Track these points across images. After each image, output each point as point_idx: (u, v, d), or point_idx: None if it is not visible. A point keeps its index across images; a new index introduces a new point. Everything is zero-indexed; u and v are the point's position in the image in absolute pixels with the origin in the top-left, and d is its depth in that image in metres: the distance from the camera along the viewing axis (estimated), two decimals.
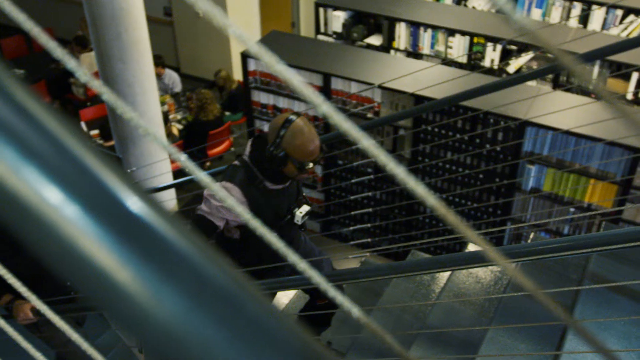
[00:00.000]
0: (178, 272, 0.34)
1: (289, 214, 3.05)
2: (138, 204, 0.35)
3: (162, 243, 0.34)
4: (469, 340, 3.26)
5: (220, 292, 0.34)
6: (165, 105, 7.79)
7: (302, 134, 2.76)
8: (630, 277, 3.03)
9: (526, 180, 5.29)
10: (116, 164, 0.38)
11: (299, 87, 0.45)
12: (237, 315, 0.34)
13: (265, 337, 0.34)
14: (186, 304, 0.33)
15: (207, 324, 0.33)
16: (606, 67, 6.12)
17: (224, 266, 0.36)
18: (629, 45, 3.21)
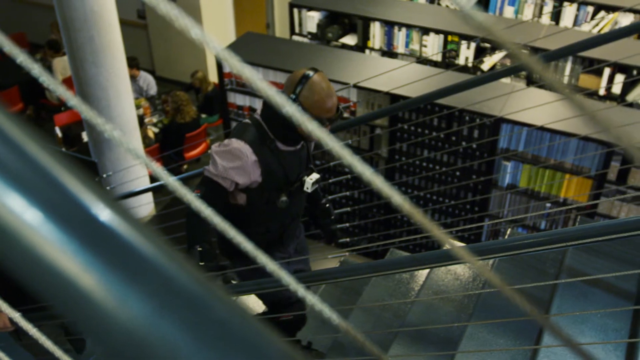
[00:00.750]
0: (143, 276, 0.33)
1: (298, 181, 2.93)
2: (101, 208, 0.34)
3: (126, 247, 0.34)
4: (448, 336, 3.27)
5: (186, 295, 0.34)
6: (141, 108, 7.73)
7: (321, 89, 2.65)
8: (605, 270, 3.07)
9: (502, 176, 5.33)
10: (81, 169, 0.38)
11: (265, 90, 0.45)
12: (204, 318, 0.34)
13: (232, 340, 0.34)
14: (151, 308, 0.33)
15: (173, 328, 0.33)
16: (579, 63, 6.19)
17: (190, 269, 0.35)
18: (600, 42, 3.25)
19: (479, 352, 2.98)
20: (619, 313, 2.92)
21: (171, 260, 0.35)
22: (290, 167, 2.87)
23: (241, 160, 2.70)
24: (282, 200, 2.86)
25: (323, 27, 7.02)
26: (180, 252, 1.41)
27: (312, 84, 2.63)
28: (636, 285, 3.06)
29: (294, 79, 2.68)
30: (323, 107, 2.65)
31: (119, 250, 0.34)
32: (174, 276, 0.35)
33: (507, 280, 3.26)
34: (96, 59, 5.30)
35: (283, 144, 2.83)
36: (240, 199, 2.89)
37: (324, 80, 2.67)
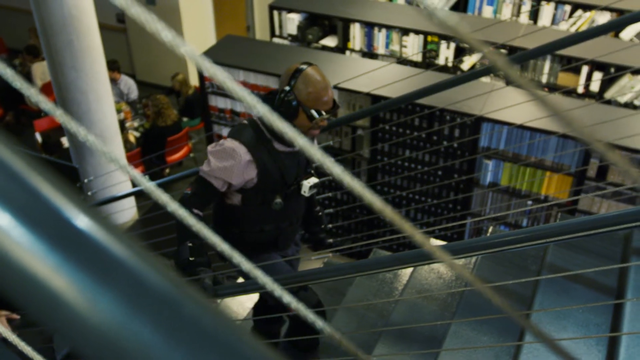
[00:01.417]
0: (114, 277, 0.34)
1: (296, 184, 2.88)
2: (71, 210, 0.34)
3: (97, 248, 0.34)
4: (433, 335, 3.29)
5: (158, 295, 0.34)
6: (122, 113, 7.70)
7: (316, 81, 2.62)
8: (586, 266, 3.10)
9: (484, 175, 5.37)
10: (60, 175, 0.38)
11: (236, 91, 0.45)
12: (176, 318, 0.34)
13: (205, 339, 0.34)
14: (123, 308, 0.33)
15: (145, 329, 0.33)
16: (557, 61, 6.24)
17: (161, 269, 0.36)
18: (577, 40, 3.28)
19: (463, 350, 2.99)
20: (600, 308, 2.95)
21: (142, 260, 0.35)
22: (287, 169, 2.82)
23: (234, 159, 2.66)
24: (276, 202, 2.82)
25: (303, 29, 7.02)
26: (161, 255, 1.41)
27: (306, 77, 2.62)
28: (616, 280, 3.10)
29: (288, 73, 2.66)
30: (318, 100, 2.62)
31: (89, 252, 0.34)
32: (145, 276, 0.35)
33: (490, 277, 3.29)
34: (76, 64, 5.27)
35: (280, 144, 2.78)
36: (235, 199, 2.84)
37: (318, 73, 2.65)
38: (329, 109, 2.66)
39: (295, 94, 2.62)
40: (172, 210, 0.64)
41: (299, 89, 2.62)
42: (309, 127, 2.67)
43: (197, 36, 9.20)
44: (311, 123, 2.66)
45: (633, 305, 2.74)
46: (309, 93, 2.61)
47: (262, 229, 2.93)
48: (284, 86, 2.65)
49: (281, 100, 2.63)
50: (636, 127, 4.50)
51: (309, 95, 2.61)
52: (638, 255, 3.10)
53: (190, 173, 4.79)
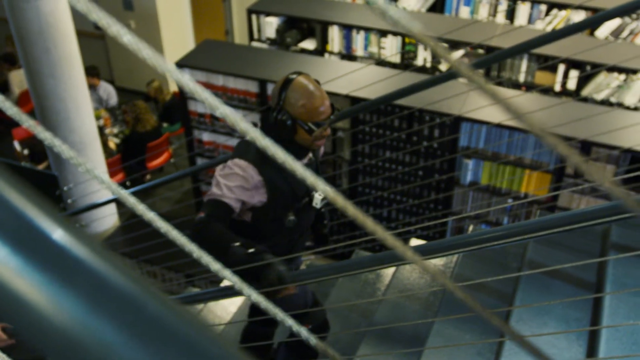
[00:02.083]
0: (76, 278, 0.34)
1: (307, 197, 2.70)
2: (31, 211, 0.35)
3: (58, 249, 0.34)
4: (416, 334, 3.31)
5: (120, 294, 0.35)
6: (101, 119, 7.66)
7: (306, 92, 2.41)
8: (565, 262, 3.13)
9: (464, 174, 5.40)
10: (40, 182, 0.38)
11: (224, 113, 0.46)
12: (138, 317, 0.34)
13: (168, 338, 0.35)
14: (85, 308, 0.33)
15: (107, 328, 0.33)
16: (534, 60, 6.30)
17: (123, 269, 0.36)
18: (552, 38, 3.31)
19: (446, 348, 3.02)
20: (580, 303, 2.98)
21: (104, 260, 0.36)
22: (297, 184, 2.64)
23: (246, 180, 2.50)
24: (289, 220, 2.67)
25: (282, 32, 7.03)
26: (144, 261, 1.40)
27: (296, 88, 2.43)
28: (595, 275, 3.13)
29: (277, 87, 2.48)
30: (314, 111, 2.43)
31: (51, 253, 0.34)
32: (106, 276, 0.35)
33: (471, 275, 3.31)
34: (53, 71, 5.24)
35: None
36: (246, 215, 2.67)
37: (309, 81, 2.46)
38: (327, 117, 2.47)
39: (288, 110, 2.43)
40: (149, 219, 0.65)
41: (291, 104, 2.43)
42: (311, 140, 2.50)
43: (176, 41, 9.18)
44: (312, 137, 2.48)
45: (612, 299, 2.78)
46: (302, 106, 2.42)
47: (275, 244, 2.76)
48: (275, 102, 2.48)
49: (275, 120, 2.45)
50: (612, 124, 4.55)
51: (302, 108, 2.42)
52: (616, 250, 3.14)
53: (171, 178, 4.78)
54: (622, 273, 2.91)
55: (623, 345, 2.53)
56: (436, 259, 3.72)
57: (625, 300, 2.76)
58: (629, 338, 2.55)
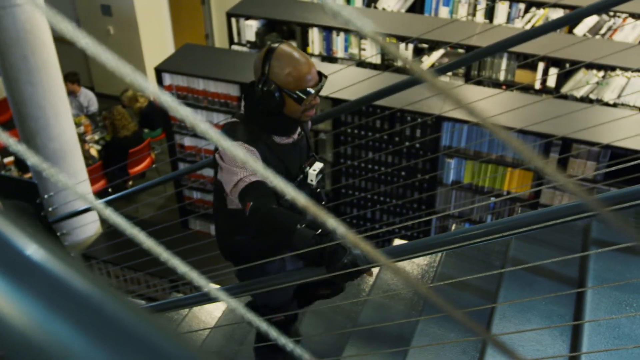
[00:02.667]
0: (33, 279, 0.33)
1: (301, 174, 2.57)
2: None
3: (13, 251, 0.34)
4: (401, 334, 3.31)
5: (78, 295, 0.34)
6: (81, 126, 7.61)
7: (291, 59, 2.31)
8: (547, 258, 3.14)
9: (446, 173, 5.42)
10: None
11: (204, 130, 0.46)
12: (96, 318, 0.34)
13: (128, 338, 0.34)
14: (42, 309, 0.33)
15: (65, 329, 0.33)
16: (513, 59, 6.33)
17: (80, 269, 0.36)
18: (529, 36, 3.33)
19: (431, 347, 3.02)
20: (563, 299, 3.00)
21: (60, 260, 0.35)
22: (290, 161, 2.53)
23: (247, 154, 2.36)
24: (286, 199, 2.39)
25: (262, 35, 7.02)
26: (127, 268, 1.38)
27: (280, 57, 2.31)
28: (577, 271, 3.15)
29: (260, 58, 2.34)
30: (301, 78, 2.31)
31: (5, 254, 0.34)
32: (63, 277, 0.35)
33: (454, 274, 3.31)
34: (31, 79, 5.19)
35: (279, 137, 2.48)
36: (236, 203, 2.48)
37: (292, 48, 2.35)
38: (315, 83, 2.35)
39: (274, 80, 2.31)
40: (123, 228, 0.64)
41: (276, 74, 2.31)
42: (301, 110, 2.38)
43: (155, 46, 9.14)
44: (302, 106, 2.36)
45: (594, 294, 2.79)
46: (288, 74, 2.30)
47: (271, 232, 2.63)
48: (258, 74, 2.35)
49: (262, 92, 2.32)
50: (592, 120, 4.58)
51: (289, 77, 2.31)
52: (597, 245, 3.16)
53: (154, 183, 4.75)
54: (603, 268, 2.93)
55: (606, 340, 2.54)
56: (420, 259, 3.72)
57: (607, 295, 2.78)
58: (611, 332, 2.57)
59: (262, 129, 2.43)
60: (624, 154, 4.55)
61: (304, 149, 2.63)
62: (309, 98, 2.34)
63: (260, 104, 2.34)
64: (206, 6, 9.79)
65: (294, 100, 2.34)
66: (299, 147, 2.59)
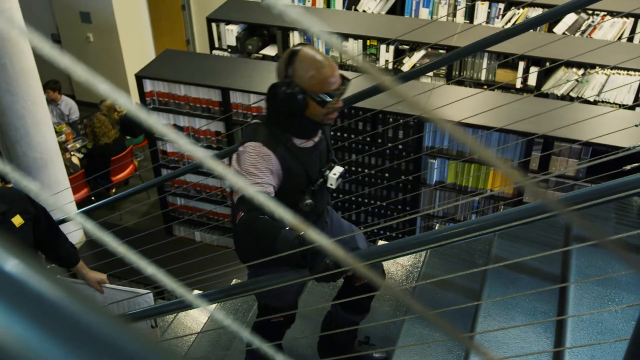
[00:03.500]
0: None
1: (321, 177, 2.58)
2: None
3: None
4: (386, 335, 3.31)
5: (38, 295, 0.34)
6: (62, 134, 7.55)
7: (315, 61, 2.31)
8: (530, 256, 3.16)
9: (430, 174, 5.43)
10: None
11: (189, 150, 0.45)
12: (53, 315, 0.33)
13: (85, 336, 0.34)
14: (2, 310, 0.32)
15: (21, 325, 0.32)
16: (494, 58, 6.36)
17: (40, 269, 0.35)
18: (507, 35, 3.34)
19: (417, 347, 3.02)
20: (547, 296, 3.01)
21: (15, 258, 0.35)
22: (310, 165, 2.54)
23: (265, 159, 2.36)
24: (307, 204, 2.54)
25: (242, 39, 7.01)
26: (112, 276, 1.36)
27: (303, 59, 2.31)
28: (560, 267, 3.16)
29: (283, 61, 2.36)
30: (324, 81, 2.32)
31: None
32: (18, 275, 0.34)
33: (438, 274, 3.31)
34: (10, 87, 5.15)
35: (300, 140, 2.49)
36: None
37: (316, 52, 2.35)
38: (338, 87, 2.36)
39: (298, 83, 2.31)
40: (98, 237, 0.63)
41: (299, 76, 2.31)
42: (324, 113, 2.38)
43: (136, 52, 9.10)
44: (324, 109, 2.36)
45: (576, 290, 2.80)
46: (312, 77, 2.31)
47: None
48: (281, 77, 2.35)
49: (285, 94, 2.32)
50: (573, 118, 4.61)
51: (313, 80, 2.31)
52: (579, 242, 3.17)
53: (136, 190, 4.72)
54: (585, 264, 2.95)
55: (589, 335, 2.55)
56: (404, 259, 3.73)
57: (589, 290, 2.79)
58: (594, 328, 2.58)
59: (284, 131, 2.44)
60: (605, 150, 4.58)
61: (323, 152, 2.63)
62: (332, 101, 2.35)
63: (283, 106, 2.36)
64: (186, 12, 9.76)
65: (317, 103, 2.34)
66: (319, 151, 2.59)
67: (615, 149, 4.44)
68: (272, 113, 2.45)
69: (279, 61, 2.39)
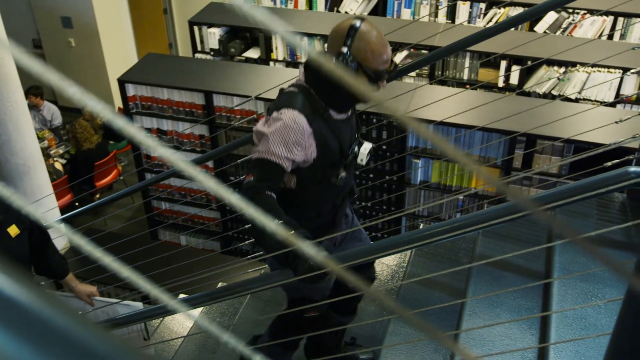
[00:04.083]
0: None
1: (352, 154, 2.54)
2: None
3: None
4: (372, 335, 3.32)
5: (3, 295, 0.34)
6: (45, 140, 7.50)
7: (375, 38, 2.32)
8: (513, 253, 3.18)
9: (414, 173, 5.45)
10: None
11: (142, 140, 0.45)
12: (22, 316, 0.33)
13: (54, 337, 0.34)
14: None
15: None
16: (476, 57, 6.40)
17: (4, 268, 0.35)
18: (487, 35, 3.37)
19: (403, 347, 3.02)
20: (531, 293, 3.03)
21: None
22: (343, 138, 2.50)
23: (297, 132, 2.33)
24: (341, 177, 2.51)
25: (225, 42, 7.00)
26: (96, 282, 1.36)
27: (364, 34, 2.31)
28: (543, 264, 3.19)
29: (341, 32, 2.35)
30: (380, 58, 2.32)
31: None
32: None
33: (423, 273, 3.32)
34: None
35: (336, 112, 2.46)
36: (289, 181, 2.48)
37: (375, 29, 2.36)
38: (389, 68, 2.38)
39: (354, 55, 2.31)
40: (78, 245, 0.63)
41: (357, 48, 2.31)
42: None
43: (118, 56, 9.06)
44: (372, 86, 2.35)
45: (560, 287, 2.82)
46: (370, 51, 2.31)
47: (319, 213, 2.60)
48: (337, 48, 2.34)
49: (340, 64, 2.29)
50: (555, 115, 4.64)
51: (370, 54, 2.31)
52: (561, 239, 3.19)
53: (120, 195, 4.70)
54: (568, 261, 2.97)
55: (573, 331, 2.57)
56: (389, 259, 3.74)
57: (572, 286, 2.81)
58: (577, 323, 2.60)
59: (323, 101, 2.41)
60: (587, 147, 4.61)
61: (354, 128, 2.62)
62: (381, 79, 2.36)
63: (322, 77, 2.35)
64: (168, 15, 9.73)
65: (368, 79, 2.34)
66: (350, 125, 2.58)
67: (597, 145, 4.47)
68: (313, 82, 2.43)
69: (333, 33, 2.38)
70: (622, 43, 6.63)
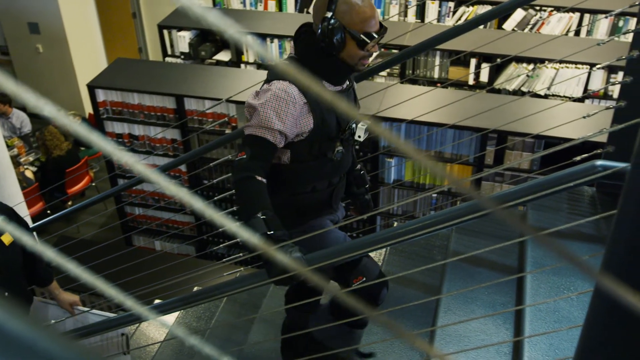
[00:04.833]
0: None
1: (348, 129, 2.44)
2: None
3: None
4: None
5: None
6: (14, 148, 7.40)
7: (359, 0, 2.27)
8: (486, 248, 3.21)
9: (388, 172, 5.47)
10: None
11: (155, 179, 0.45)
12: None
13: (9, 342, 0.34)
14: None
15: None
16: (446, 56, 6.44)
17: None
18: (454, 33, 3.39)
19: (382, 345, 3.04)
20: (505, 288, 3.06)
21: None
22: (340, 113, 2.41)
23: (289, 102, 2.26)
24: (338, 150, 2.43)
25: (195, 46, 6.98)
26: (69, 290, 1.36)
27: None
28: (517, 259, 3.22)
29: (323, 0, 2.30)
30: (366, 20, 2.26)
31: None
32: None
33: (398, 271, 3.33)
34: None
35: (330, 84, 2.41)
36: (284, 156, 2.41)
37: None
38: (377, 30, 2.30)
39: (339, 18, 2.25)
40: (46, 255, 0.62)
41: (342, 12, 2.26)
42: (359, 56, 2.31)
43: (87, 61, 8.97)
44: (361, 51, 2.30)
45: (532, 281, 2.85)
46: (355, 14, 2.26)
47: (314, 188, 2.51)
48: (322, 13, 2.29)
49: (325, 30, 2.25)
50: (525, 112, 4.69)
51: (355, 17, 2.26)
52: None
53: (92, 201, 4.66)
54: (540, 255, 3.00)
55: (546, 324, 2.60)
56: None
57: (545, 280, 2.84)
58: (551, 316, 2.63)
59: (315, 72, 2.31)
60: (557, 142, 4.67)
61: (351, 101, 2.56)
62: (370, 43, 2.29)
63: (321, 42, 2.30)
64: (137, 19, 9.66)
65: (356, 43, 2.28)
66: (347, 98, 2.50)
67: (567, 140, 4.53)
68: (303, 53, 2.39)
69: (318, 1, 2.33)
70: (589, 39, 6.73)
